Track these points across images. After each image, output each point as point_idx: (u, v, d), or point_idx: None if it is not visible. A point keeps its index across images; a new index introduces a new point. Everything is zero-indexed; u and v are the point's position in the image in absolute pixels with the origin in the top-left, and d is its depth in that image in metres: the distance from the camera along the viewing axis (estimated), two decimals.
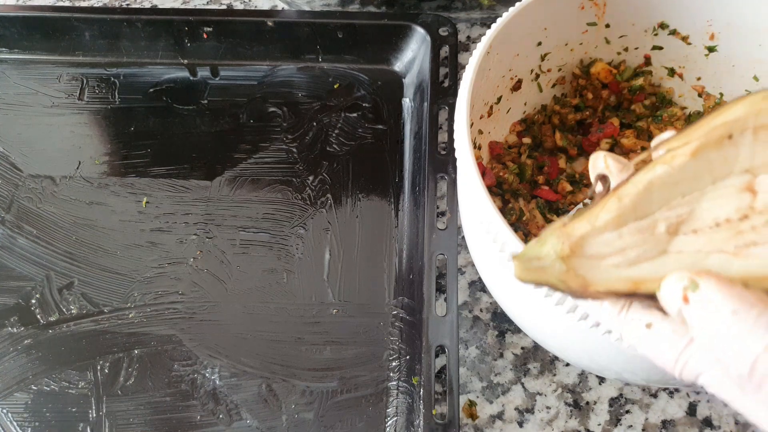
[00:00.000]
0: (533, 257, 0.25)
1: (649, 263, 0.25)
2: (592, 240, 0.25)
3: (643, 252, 0.25)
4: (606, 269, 0.25)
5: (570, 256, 0.25)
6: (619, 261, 0.25)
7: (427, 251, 0.46)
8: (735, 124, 0.26)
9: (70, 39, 0.60)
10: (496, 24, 0.39)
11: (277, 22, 0.58)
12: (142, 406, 0.45)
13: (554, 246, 0.25)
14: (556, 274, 0.25)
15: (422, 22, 0.58)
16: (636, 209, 0.26)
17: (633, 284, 0.25)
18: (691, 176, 0.26)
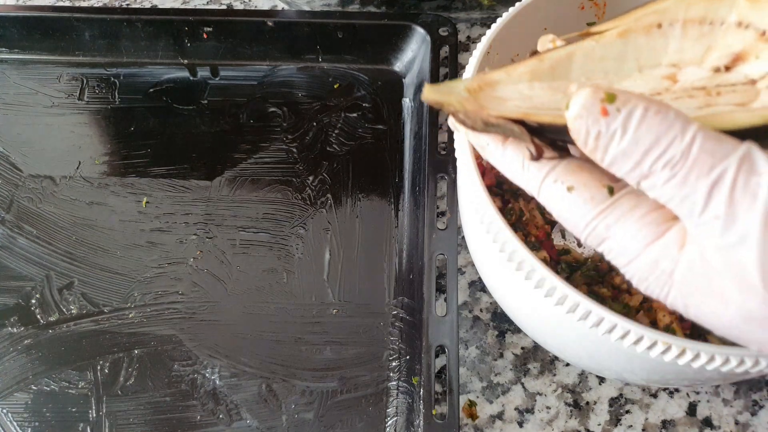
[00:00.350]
0: (445, 85, 0.26)
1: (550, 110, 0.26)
2: (504, 86, 0.26)
3: (548, 102, 0.26)
4: (504, 106, 0.26)
5: (477, 90, 0.26)
6: (521, 104, 0.26)
7: (427, 251, 0.46)
8: (665, 13, 0.27)
9: (70, 39, 0.60)
10: (496, 24, 0.39)
11: (277, 22, 0.58)
12: (142, 406, 0.45)
13: (466, 81, 0.26)
14: (458, 98, 0.25)
15: (422, 22, 0.58)
16: (554, 71, 0.27)
17: (523, 114, 0.25)
18: (615, 55, 0.27)
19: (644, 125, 0.22)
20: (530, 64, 0.27)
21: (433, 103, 0.26)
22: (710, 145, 0.22)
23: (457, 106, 0.25)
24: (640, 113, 0.22)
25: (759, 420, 0.43)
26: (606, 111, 0.22)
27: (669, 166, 0.22)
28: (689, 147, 0.22)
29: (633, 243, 0.25)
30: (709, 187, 0.22)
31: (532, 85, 0.27)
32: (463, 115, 0.25)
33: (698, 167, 0.22)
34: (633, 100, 0.22)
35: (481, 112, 0.25)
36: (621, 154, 0.23)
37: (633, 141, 0.22)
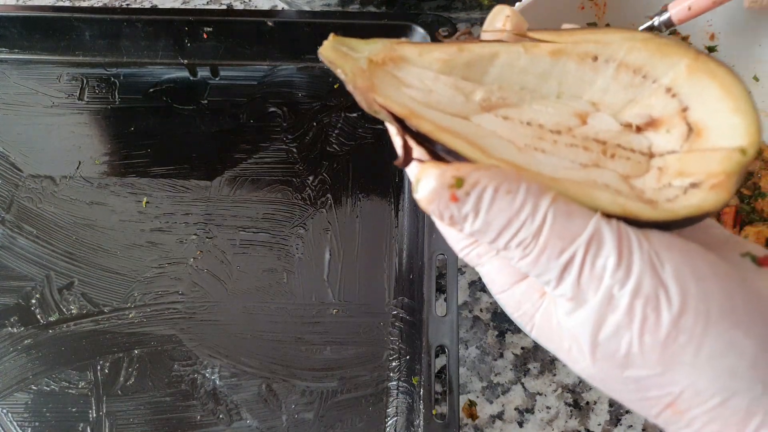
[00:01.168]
0: (349, 45, 0.24)
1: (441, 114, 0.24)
2: (410, 67, 0.25)
3: (445, 103, 0.24)
4: (400, 93, 0.24)
5: (379, 64, 0.24)
6: (418, 96, 0.24)
7: (427, 251, 0.46)
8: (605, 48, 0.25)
9: (70, 39, 0.60)
10: None
11: (277, 22, 0.58)
12: (142, 406, 0.45)
13: (373, 49, 0.24)
14: (354, 67, 0.24)
15: (422, 22, 0.57)
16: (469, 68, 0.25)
17: (410, 113, 0.23)
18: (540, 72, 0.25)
19: (495, 207, 0.22)
20: (448, 51, 0.25)
21: (327, 61, 0.24)
22: (559, 225, 0.22)
23: (348, 76, 0.24)
24: (490, 195, 0.22)
25: None
26: (455, 197, 0.22)
27: (522, 247, 0.22)
28: (540, 229, 0.22)
29: (499, 278, 0.26)
30: (560, 270, 0.22)
31: (438, 77, 0.25)
32: (352, 87, 0.24)
33: (549, 250, 0.22)
34: (483, 180, 0.22)
35: (368, 94, 0.24)
36: (477, 232, 0.23)
37: (485, 223, 0.22)
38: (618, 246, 0.22)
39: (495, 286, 0.27)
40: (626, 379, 0.23)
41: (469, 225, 0.23)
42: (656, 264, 0.22)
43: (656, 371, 0.22)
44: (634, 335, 0.22)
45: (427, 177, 0.22)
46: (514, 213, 0.22)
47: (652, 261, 0.22)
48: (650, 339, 0.22)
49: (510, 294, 0.26)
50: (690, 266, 0.22)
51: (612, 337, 0.22)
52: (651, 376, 0.22)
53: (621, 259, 0.22)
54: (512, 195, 0.22)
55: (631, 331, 0.22)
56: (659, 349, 0.22)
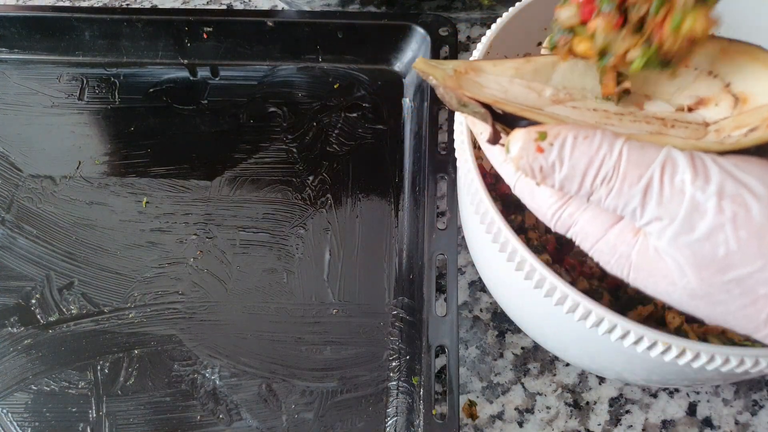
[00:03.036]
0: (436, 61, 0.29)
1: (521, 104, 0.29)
2: (487, 75, 0.29)
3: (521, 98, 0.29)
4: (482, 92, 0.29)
5: (462, 72, 0.29)
6: (497, 94, 0.29)
7: (427, 251, 0.46)
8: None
9: (70, 39, 0.60)
10: (496, 24, 0.39)
11: (277, 22, 0.58)
12: (142, 406, 0.45)
13: (456, 63, 0.29)
14: (443, 74, 0.28)
15: (422, 22, 0.58)
16: (536, 73, 0.30)
17: (493, 100, 0.28)
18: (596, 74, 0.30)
19: (576, 151, 0.25)
20: (518, 62, 0.30)
21: (420, 72, 0.29)
22: (635, 155, 0.24)
23: (439, 80, 0.28)
24: (571, 142, 0.25)
25: (759, 420, 0.43)
26: (541, 148, 0.25)
27: (606, 182, 0.25)
28: (618, 162, 0.24)
29: (593, 228, 0.27)
30: (642, 194, 0.24)
31: (512, 81, 0.29)
32: (442, 89, 0.28)
33: (629, 178, 0.24)
34: (563, 132, 0.25)
35: (457, 90, 0.28)
36: (564, 179, 0.25)
37: (570, 167, 0.25)
38: (692, 163, 0.24)
39: (590, 237, 0.28)
40: (729, 283, 0.24)
41: (557, 173, 0.25)
42: (732, 170, 0.24)
43: (757, 265, 0.23)
44: (728, 233, 0.23)
45: (516, 136, 0.26)
46: (594, 152, 0.25)
47: (728, 169, 0.24)
48: (745, 233, 0.23)
49: (605, 240, 0.27)
50: (765, 167, 0.24)
51: (708, 241, 0.23)
52: (754, 273, 0.23)
53: (697, 172, 0.24)
54: (590, 139, 0.25)
55: (725, 230, 0.23)
56: (755, 241, 0.23)
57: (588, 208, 0.27)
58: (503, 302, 0.42)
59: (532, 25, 0.43)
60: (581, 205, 0.27)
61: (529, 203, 0.29)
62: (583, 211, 0.27)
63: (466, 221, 0.42)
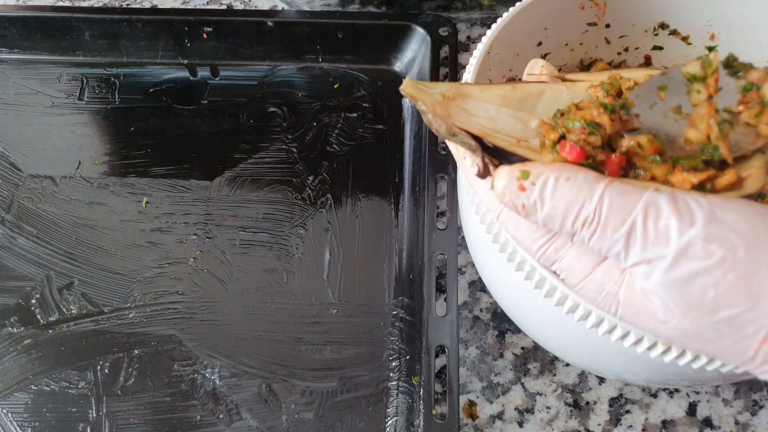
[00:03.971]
0: (424, 84, 0.29)
1: (508, 136, 0.29)
2: (475, 102, 0.29)
3: (508, 129, 0.29)
4: (470, 121, 0.29)
5: (450, 99, 0.29)
6: (485, 123, 0.29)
7: (427, 251, 0.46)
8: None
9: (70, 39, 0.60)
10: (496, 24, 0.39)
11: (277, 22, 0.58)
12: (142, 406, 0.45)
13: (443, 87, 0.29)
14: (432, 99, 0.28)
15: (422, 22, 0.58)
16: (522, 102, 0.30)
17: (483, 132, 0.28)
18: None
19: (557, 193, 0.25)
20: (504, 89, 0.30)
21: (408, 96, 0.28)
22: (617, 200, 0.25)
23: (428, 107, 0.28)
24: (552, 183, 0.26)
25: (759, 420, 0.43)
26: (523, 187, 0.26)
27: (587, 225, 0.25)
28: (599, 206, 0.25)
29: (579, 266, 0.28)
30: (625, 238, 0.25)
31: (500, 110, 0.30)
32: (432, 116, 0.28)
33: (611, 223, 0.25)
34: (545, 172, 0.26)
35: (447, 119, 0.28)
36: (546, 218, 0.26)
37: (551, 207, 0.26)
38: (675, 206, 0.24)
39: (576, 275, 0.28)
40: (719, 323, 0.24)
41: (539, 212, 0.26)
42: (716, 212, 0.24)
43: (746, 306, 0.23)
44: (717, 277, 0.23)
45: (500, 174, 0.27)
46: (574, 196, 0.25)
47: (712, 211, 0.24)
48: (733, 276, 0.23)
49: (591, 278, 0.28)
50: (752, 209, 0.24)
51: (696, 285, 0.24)
52: (742, 313, 0.24)
53: (681, 215, 0.24)
54: (571, 182, 0.25)
55: (714, 274, 0.23)
56: (743, 283, 0.23)
57: (574, 245, 0.28)
58: (503, 302, 0.42)
59: (532, 25, 0.43)
60: (567, 242, 0.28)
61: (513, 233, 0.30)
62: (569, 248, 0.28)
63: (466, 221, 0.42)
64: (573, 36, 0.46)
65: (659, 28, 0.46)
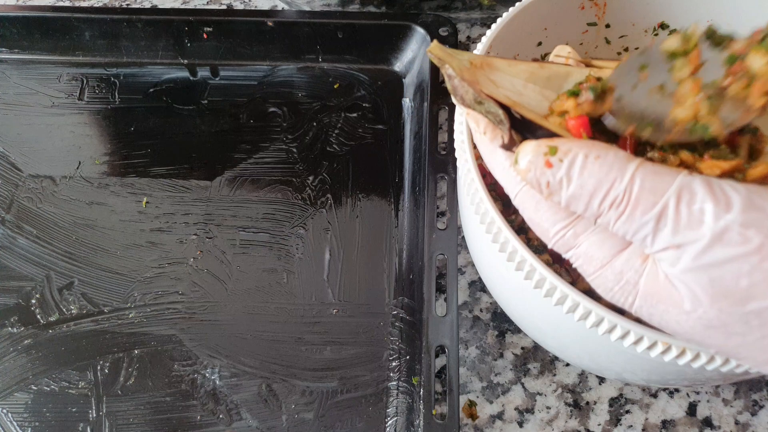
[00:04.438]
0: (452, 50, 0.28)
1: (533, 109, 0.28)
2: (502, 74, 0.29)
3: (535, 104, 0.28)
4: (497, 90, 0.28)
5: (478, 67, 0.28)
6: (511, 95, 0.28)
7: (427, 251, 0.46)
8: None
9: (70, 39, 0.60)
10: (496, 24, 0.39)
11: (277, 22, 0.58)
12: (142, 406, 0.45)
13: (471, 55, 0.28)
14: (460, 64, 0.27)
15: (422, 22, 0.58)
16: (549, 81, 0.29)
17: (512, 102, 0.27)
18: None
19: (586, 171, 0.24)
20: (532, 66, 0.29)
21: (435, 59, 0.27)
22: (649, 181, 0.23)
23: (456, 70, 0.27)
24: (581, 161, 0.24)
25: (759, 420, 0.43)
26: (550, 163, 0.25)
27: (615, 206, 0.24)
28: (629, 186, 0.24)
29: (599, 252, 0.26)
30: (655, 222, 0.23)
31: (527, 85, 0.28)
32: (458, 81, 0.27)
33: (642, 204, 0.23)
34: (574, 149, 0.24)
35: (474, 85, 0.27)
36: (571, 197, 0.25)
37: (578, 186, 0.24)
38: (711, 190, 0.23)
39: (594, 262, 0.27)
40: (749, 314, 0.23)
41: (564, 191, 0.25)
42: (755, 200, 0.23)
43: None
44: (753, 264, 0.22)
45: (525, 149, 0.25)
46: (604, 174, 0.24)
47: (751, 198, 0.23)
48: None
49: (611, 267, 0.26)
50: None
51: (729, 272, 0.22)
52: None
53: (717, 199, 0.23)
54: (601, 159, 0.24)
55: (750, 261, 0.22)
56: None
57: (596, 230, 0.26)
58: (503, 302, 0.42)
59: (532, 25, 0.43)
60: (588, 227, 0.26)
61: (530, 215, 0.28)
62: (590, 234, 0.26)
63: (466, 221, 0.42)
64: (573, 36, 0.46)
65: (659, 29, 0.46)
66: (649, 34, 0.47)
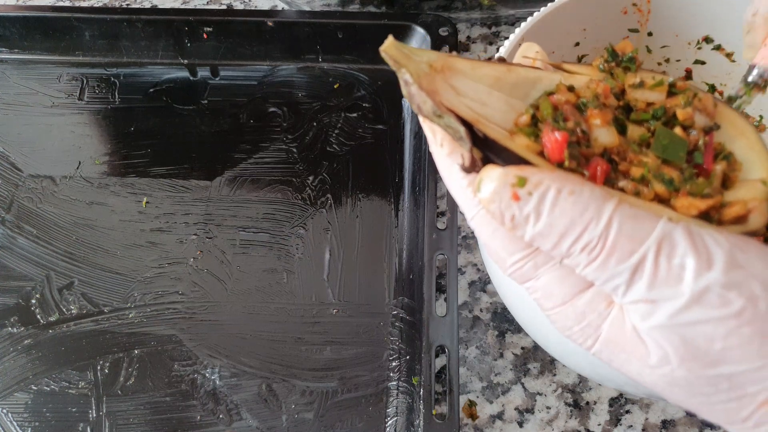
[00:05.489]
0: (410, 49, 0.24)
1: (498, 125, 0.25)
2: (464, 79, 0.25)
3: (500, 117, 0.26)
4: (458, 100, 0.25)
5: (438, 71, 0.25)
6: (474, 106, 0.25)
7: (427, 251, 0.46)
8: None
9: (70, 39, 0.60)
10: (531, 17, 0.38)
11: (277, 22, 0.58)
12: (142, 406, 0.45)
13: (431, 56, 0.25)
14: (418, 68, 0.24)
15: (422, 22, 0.58)
16: (515, 87, 0.27)
17: (474, 118, 0.24)
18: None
19: (558, 208, 0.22)
20: (498, 69, 0.26)
21: (390, 60, 0.24)
22: (628, 227, 0.21)
23: (413, 76, 0.24)
24: (553, 196, 0.22)
25: None
26: (517, 195, 0.22)
27: (587, 251, 0.22)
28: (606, 231, 0.22)
29: (559, 289, 0.24)
30: (630, 273, 0.22)
31: (491, 92, 0.26)
32: (416, 89, 0.23)
33: (618, 252, 0.21)
34: (545, 182, 0.22)
35: (433, 95, 0.24)
36: (538, 235, 0.22)
37: (547, 224, 0.22)
38: (693, 244, 0.21)
39: (553, 299, 0.25)
40: (718, 377, 0.22)
41: (530, 227, 0.22)
42: (738, 257, 0.21)
43: (756, 365, 0.21)
44: (731, 328, 0.21)
45: (490, 176, 0.23)
46: (578, 214, 0.22)
47: (734, 254, 0.21)
48: (749, 330, 0.21)
49: (572, 306, 0.24)
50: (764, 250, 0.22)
51: (704, 334, 0.21)
52: (748, 371, 0.21)
53: (699, 254, 0.21)
54: (576, 196, 0.22)
55: (727, 325, 0.21)
56: (758, 339, 0.21)
57: (557, 265, 0.24)
58: (513, 307, 0.41)
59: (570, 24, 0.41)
60: (550, 260, 0.24)
61: (485, 240, 0.26)
62: (551, 268, 0.24)
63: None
64: (613, 40, 0.43)
65: (703, 42, 0.44)
66: (693, 47, 0.45)
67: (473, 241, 0.51)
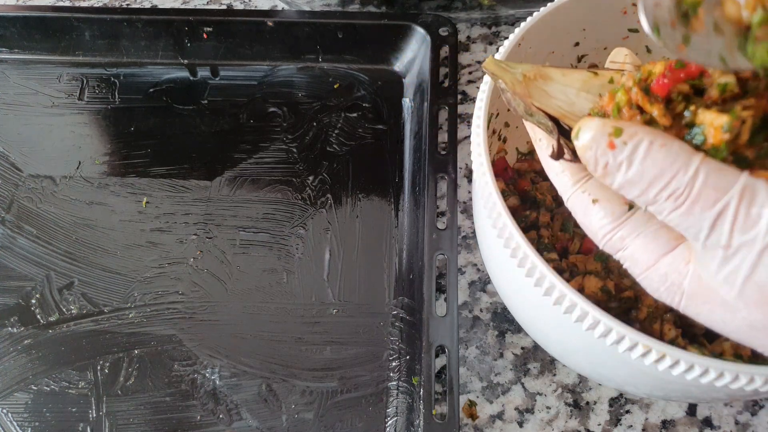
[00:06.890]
0: (506, 63, 0.29)
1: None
2: (555, 85, 0.29)
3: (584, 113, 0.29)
4: (549, 102, 0.29)
5: (531, 79, 0.29)
6: (564, 106, 0.29)
7: (427, 251, 0.46)
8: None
9: (70, 39, 0.60)
10: (530, 18, 0.38)
11: (277, 22, 0.58)
12: (142, 406, 0.45)
13: (525, 67, 0.29)
14: (512, 78, 0.29)
15: (422, 22, 0.58)
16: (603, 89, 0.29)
17: (561, 114, 0.28)
18: None
19: (649, 158, 0.24)
20: (585, 74, 0.30)
21: (489, 73, 0.29)
22: (713, 178, 0.23)
23: (509, 85, 0.28)
24: (646, 146, 0.24)
25: (759, 420, 0.43)
26: (613, 144, 0.24)
27: (673, 198, 0.23)
28: (692, 180, 0.23)
29: (645, 255, 0.27)
30: (713, 219, 0.23)
31: (579, 94, 0.29)
32: (510, 95, 0.28)
33: (702, 200, 0.23)
34: (639, 133, 0.24)
35: (526, 98, 0.28)
36: (627, 182, 0.24)
37: (638, 172, 0.24)
38: None
39: (639, 265, 0.27)
40: None
41: (622, 174, 0.24)
42: None
43: None
44: None
45: (589, 126, 0.25)
46: (668, 164, 0.23)
47: None
48: None
49: (656, 269, 0.26)
50: None
51: None
52: None
53: None
54: (666, 148, 0.23)
55: None
56: None
57: (640, 234, 0.27)
58: (514, 307, 0.42)
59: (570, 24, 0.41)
60: (634, 231, 0.27)
61: (580, 219, 0.28)
62: (635, 237, 0.27)
63: (479, 222, 0.41)
64: (612, 40, 0.44)
65: None
66: None
67: (473, 241, 0.51)
